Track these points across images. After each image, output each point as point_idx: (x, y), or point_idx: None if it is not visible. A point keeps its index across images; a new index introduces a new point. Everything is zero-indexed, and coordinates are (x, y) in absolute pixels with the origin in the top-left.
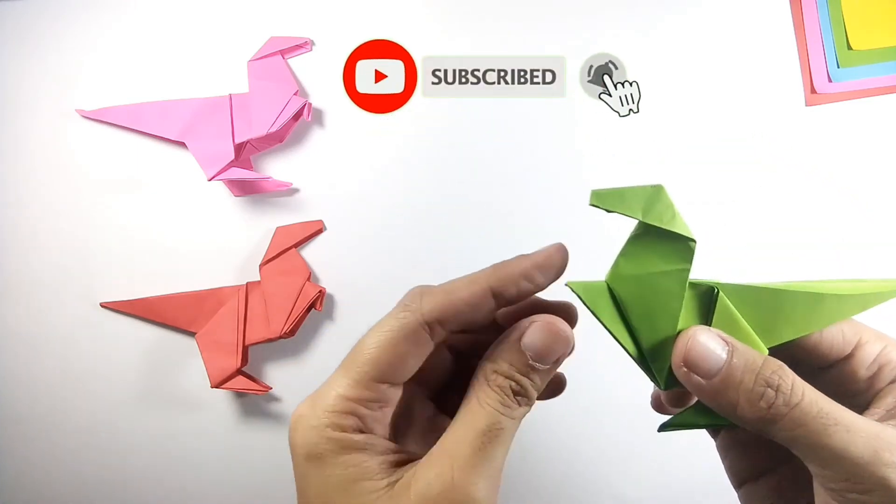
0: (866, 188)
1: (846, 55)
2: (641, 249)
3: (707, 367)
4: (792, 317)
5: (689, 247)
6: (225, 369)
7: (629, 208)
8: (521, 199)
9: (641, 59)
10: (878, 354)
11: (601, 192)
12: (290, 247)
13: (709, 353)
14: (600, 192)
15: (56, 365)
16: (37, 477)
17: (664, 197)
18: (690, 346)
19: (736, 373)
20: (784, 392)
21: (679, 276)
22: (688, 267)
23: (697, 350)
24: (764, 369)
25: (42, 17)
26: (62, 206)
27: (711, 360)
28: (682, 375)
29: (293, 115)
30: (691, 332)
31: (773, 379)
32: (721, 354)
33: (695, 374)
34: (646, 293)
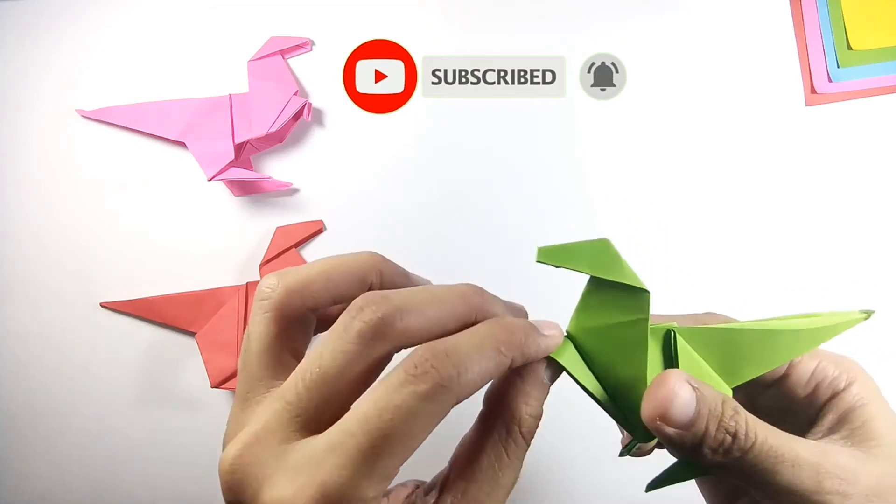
0: (866, 188)
1: (846, 55)
2: (598, 302)
3: (680, 418)
4: (749, 355)
5: (644, 297)
6: (225, 369)
7: (577, 264)
8: (520, 199)
9: (641, 58)
10: (813, 371)
11: (548, 249)
12: (290, 247)
13: (682, 403)
14: (547, 250)
15: (56, 365)
16: (37, 476)
17: (610, 250)
18: (664, 396)
19: (702, 421)
20: (739, 437)
21: (638, 325)
22: (646, 316)
23: (673, 401)
24: (724, 416)
25: (42, 17)
26: (62, 207)
27: (684, 410)
28: (654, 427)
29: (293, 115)
30: (667, 383)
31: (731, 425)
32: (692, 403)
33: (668, 426)
34: (608, 345)
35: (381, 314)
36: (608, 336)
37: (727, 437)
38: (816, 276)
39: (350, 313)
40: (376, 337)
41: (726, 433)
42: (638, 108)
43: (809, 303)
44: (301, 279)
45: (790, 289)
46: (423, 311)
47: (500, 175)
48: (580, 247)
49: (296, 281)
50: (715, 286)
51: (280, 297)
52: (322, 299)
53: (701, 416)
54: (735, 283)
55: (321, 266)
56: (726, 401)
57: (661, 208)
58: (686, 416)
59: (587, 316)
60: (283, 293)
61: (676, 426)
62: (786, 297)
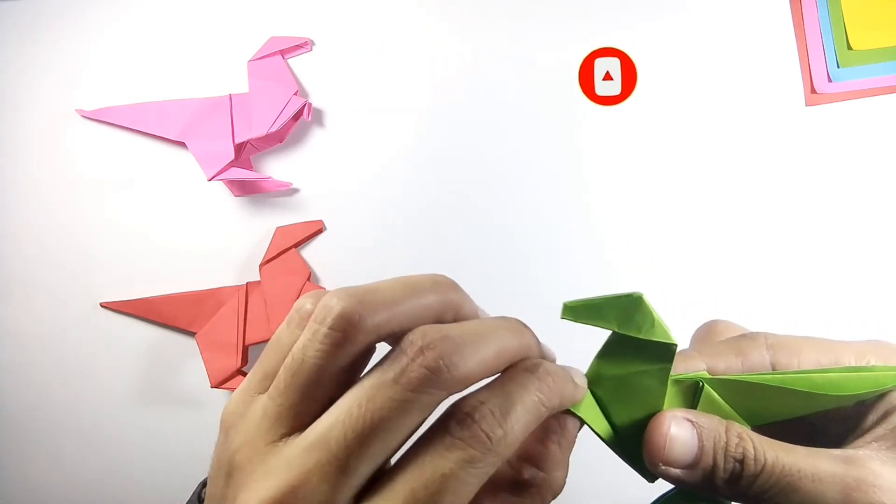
0: (866, 188)
1: (846, 55)
2: (621, 351)
3: (684, 458)
4: (782, 407)
5: (671, 349)
6: (225, 369)
7: (605, 321)
8: (520, 199)
9: (642, 58)
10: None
11: (573, 306)
12: (290, 247)
13: (682, 443)
14: (572, 307)
15: (56, 365)
16: (37, 476)
17: (643, 307)
18: (660, 439)
19: (708, 457)
20: (748, 462)
21: (659, 374)
22: (668, 366)
23: (673, 446)
24: (729, 444)
25: (42, 17)
26: (62, 207)
27: (686, 448)
28: (659, 473)
29: (293, 115)
30: (661, 424)
31: (738, 452)
32: (693, 440)
33: (673, 468)
34: (625, 393)
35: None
36: (627, 383)
37: (737, 465)
38: (816, 275)
39: (411, 350)
40: (433, 385)
41: (735, 461)
42: (638, 107)
43: (809, 303)
44: (376, 306)
45: (790, 289)
46: (478, 354)
47: (499, 175)
48: (609, 303)
49: (372, 309)
50: (715, 286)
51: (353, 319)
52: (392, 332)
53: (706, 452)
54: (735, 282)
55: (397, 293)
56: (729, 427)
57: (661, 208)
58: (690, 455)
59: (607, 364)
60: (358, 315)
61: (682, 467)
62: (786, 297)
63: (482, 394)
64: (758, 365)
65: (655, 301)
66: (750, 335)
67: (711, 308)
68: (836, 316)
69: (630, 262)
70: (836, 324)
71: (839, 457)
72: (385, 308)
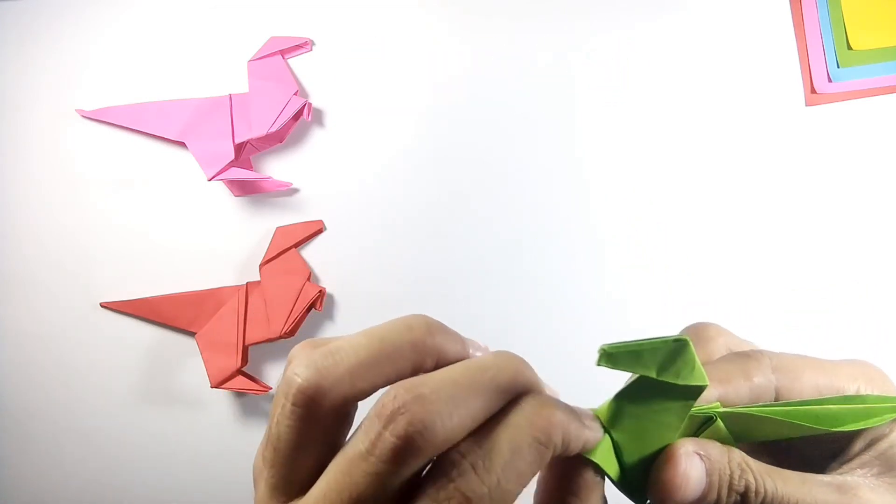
0: (866, 188)
1: (846, 55)
2: (644, 391)
3: (694, 495)
4: (775, 433)
5: (700, 390)
6: (225, 369)
7: (644, 368)
8: (520, 200)
9: (642, 58)
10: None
11: (613, 351)
12: (290, 247)
13: (695, 483)
14: (612, 353)
15: (56, 365)
16: (37, 476)
17: (688, 354)
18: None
19: (713, 491)
20: (750, 495)
21: (681, 411)
22: (692, 403)
23: (686, 485)
24: (733, 478)
25: (42, 17)
26: (62, 206)
27: (697, 487)
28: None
29: (293, 115)
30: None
31: (740, 484)
32: (703, 477)
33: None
34: (641, 430)
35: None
36: (645, 421)
37: (738, 497)
38: (816, 275)
39: (380, 419)
40: (411, 454)
41: (738, 494)
42: (638, 107)
43: (809, 303)
44: (339, 374)
45: (790, 289)
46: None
47: (500, 175)
48: (652, 349)
49: (334, 379)
50: (715, 286)
51: (312, 392)
52: (365, 393)
53: (712, 486)
54: (735, 282)
55: (363, 351)
56: (731, 457)
57: (661, 208)
58: (699, 492)
59: (629, 405)
60: (316, 387)
61: (690, 503)
62: (785, 297)
63: (465, 443)
64: (764, 390)
65: (655, 302)
66: (755, 356)
67: (711, 308)
68: (836, 316)
69: (630, 262)
70: (835, 324)
71: (831, 484)
72: (350, 373)
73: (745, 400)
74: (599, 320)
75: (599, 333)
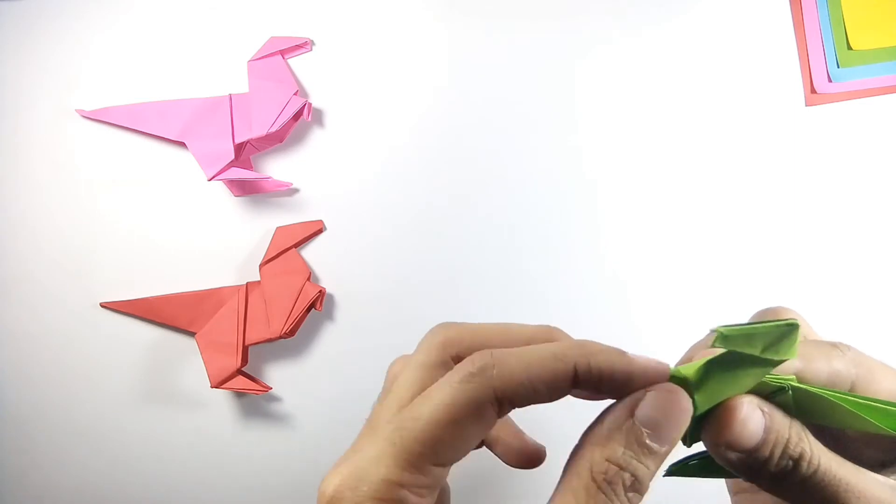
0: (866, 188)
1: (846, 55)
2: (734, 361)
3: (747, 444)
4: (837, 420)
5: (783, 361)
6: (225, 369)
7: (753, 348)
8: (521, 200)
9: (642, 58)
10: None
11: (728, 334)
12: (290, 247)
13: (751, 430)
14: (728, 335)
15: (56, 365)
16: (37, 476)
17: (794, 335)
18: (734, 423)
19: (767, 448)
20: (803, 462)
21: (759, 375)
22: (770, 370)
23: (742, 429)
24: (790, 442)
25: (42, 17)
26: (62, 207)
27: (752, 436)
28: (716, 452)
29: (293, 115)
30: (739, 408)
31: (796, 452)
32: (759, 432)
33: (732, 450)
34: (717, 389)
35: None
36: (724, 381)
37: (790, 462)
38: (816, 276)
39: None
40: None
41: (790, 459)
42: (638, 107)
43: (809, 302)
44: (523, 377)
45: (790, 289)
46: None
47: (500, 175)
48: (765, 331)
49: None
50: (715, 286)
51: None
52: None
53: (767, 443)
54: (734, 282)
55: (540, 366)
56: (793, 425)
57: (660, 208)
58: (752, 442)
59: (717, 371)
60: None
61: (741, 451)
62: (785, 297)
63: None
64: (842, 378)
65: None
66: (840, 346)
67: (711, 308)
68: (836, 316)
69: (630, 262)
70: (835, 324)
71: (886, 483)
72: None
73: (821, 382)
74: (600, 320)
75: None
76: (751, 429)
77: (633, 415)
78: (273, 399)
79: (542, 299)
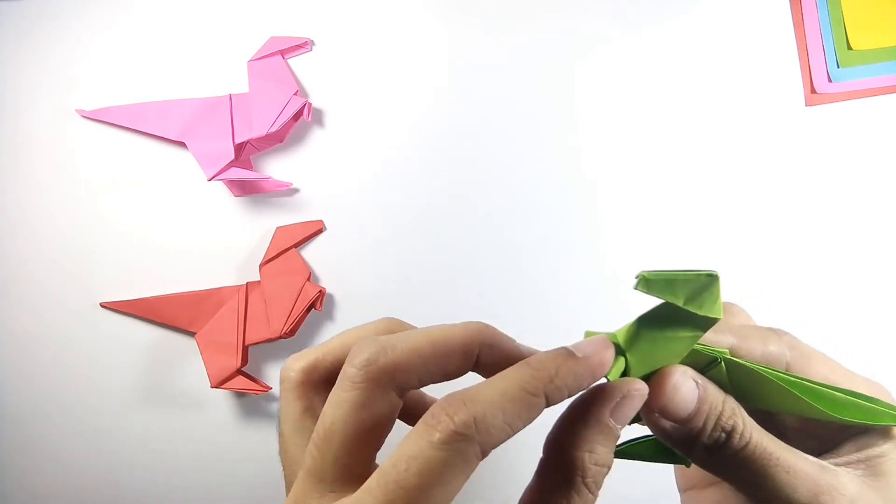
0: (866, 188)
1: (846, 55)
2: (663, 318)
3: (679, 413)
4: (774, 403)
5: (713, 322)
6: (225, 369)
7: (674, 296)
8: (522, 200)
9: (642, 58)
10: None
11: (651, 278)
12: (290, 247)
13: (683, 398)
14: (649, 279)
15: (56, 365)
16: (37, 477)
17: (715, 287)
18: (668, 393)
19: (700, 419)
20: (735, 436)
21: (690, 340)
22: (701, 335)
23: (674, 398)
24: (723, 415)
25: (42, 17)
26: (62, 207)
27: (685, 405)
28: (650, 420)
29: (293, 115)
30: (670, 376)
31: (728, 424)
32: (693, 401)
33: (665, 419)
34: (650, 352)
35: (368, 355)
36: (655, 344)
37: (723, 434)
38: (816, 276)
39: (346, 362)
40: (368, 379)
41: (723, 431)
42: (639, 107)
43: (808, 302)
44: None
45: (790, 289)
46: (413, 346)
47: (500, 175)
48: (685, 279)
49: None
50: None
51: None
52: (412, 383)
53: (700, 413)
54: (734, 282)
55: (416, 342)
56: (727, 400)
57: (660, 208)
58: (685, 412)
59: (646, 329)
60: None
61: (673, 420)
62: (784, 297)
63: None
64: (775, 358)
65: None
66: (777, 330)
67: None
68: (835, 316)
69: (630, 262)
70: (835, 323)
71: (815, 462)
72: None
73: (755, 360)
74: (600, 320)
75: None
76: (683, 395)
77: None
78: (273, 399)
79: (542, 299)
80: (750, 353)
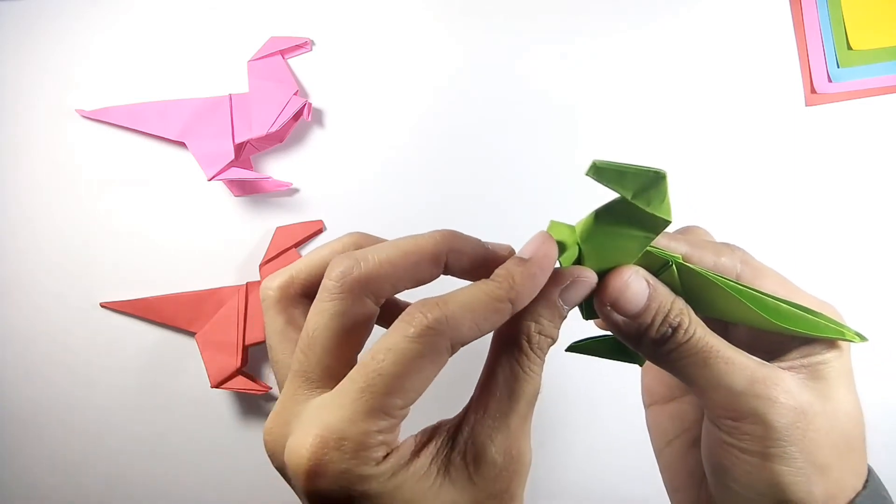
0: (866, 188)
1: (846, 55)
2: (617, 214)
3: (630, 308)
4: (724, 312)
5: (663, 224)
6: (225, 369)
7: (622, 188)
8: (522, 200)
9: (641, 58)
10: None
11: (602, 166)
12: (290, 247)
13: (634, 294)
14: (601, 167)
15: (56, 365)
16: (37, 476)
17: (662, 185)
18: (619, 288)
19: (649, 314)
20: (680, 330)
21: (643, 241)
22: (653, 237)
23: (625, 293)
24: (671, 312)
25: (42, 17)
26: (62, 207)
27: (635, 300)
28: (603, 312)
29: (293, 115)
30: (623, 273)
31: (675, 321)
32: (643, 298)
33: (617, 312)
34: (603, 249)
35: (343, 268)
36: (610, 241)
37: (669, 329)
38: (816, 276)
39: (325, 276)
40: (345, 289)
41: (669, 327)
42: (638, 106)
43: None
44: (367, 271)
45: None
46: (385, 257)
47: (500, 176)
48: (635, 172)
49: (362, 273)
50: None
51: (347, 286)
52: (386, 290)
53: (649, 310)
54: None
55: (388, 254)
56: (676, 300)
57: None
58: (635, 307)
59: (602, 223)
60: (350, 283)
61: (624, 314)
62: None
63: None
64: (726, 269)
65: None
66: (732, 245)
67: None
68: None
69: None
70: None
71: (756, 359)
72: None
73: (706, 268)
74: None
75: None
76: (633, 291)
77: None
78: (273, 399)
79: None
80: (702, 261)
